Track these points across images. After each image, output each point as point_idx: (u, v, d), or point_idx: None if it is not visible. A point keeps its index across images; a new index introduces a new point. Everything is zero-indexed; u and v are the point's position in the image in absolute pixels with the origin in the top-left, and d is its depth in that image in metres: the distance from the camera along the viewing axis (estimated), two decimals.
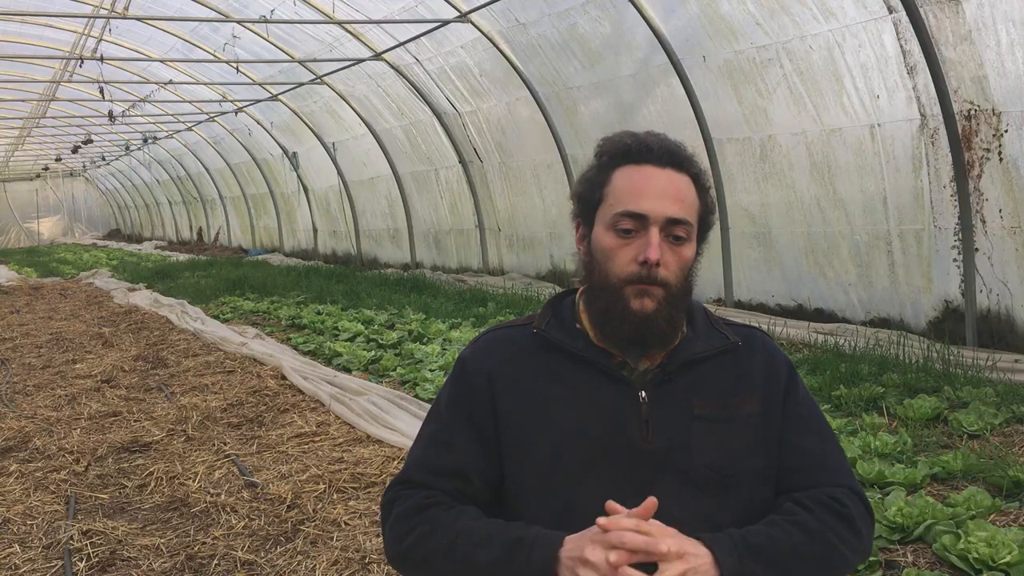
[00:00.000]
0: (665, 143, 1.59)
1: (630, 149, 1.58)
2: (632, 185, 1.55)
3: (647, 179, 1.55)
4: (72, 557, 3.55)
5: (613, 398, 1.58)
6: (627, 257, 1.54)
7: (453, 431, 1.65)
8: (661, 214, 1.53)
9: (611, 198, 1.57)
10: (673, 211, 1.53)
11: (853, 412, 4.79)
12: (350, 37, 11.48)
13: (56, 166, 32.37)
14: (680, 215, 1.54)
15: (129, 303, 12.07)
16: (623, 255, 1.55)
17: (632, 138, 1.60)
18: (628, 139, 1.60)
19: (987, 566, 2.85)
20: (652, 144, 1.58)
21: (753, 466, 1.59)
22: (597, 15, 8.15)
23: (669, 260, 1.54)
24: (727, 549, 1.45)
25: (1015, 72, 5.38)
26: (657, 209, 1.53)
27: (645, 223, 1.53)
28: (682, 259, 1.56)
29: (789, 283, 7.51)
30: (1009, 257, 5.73)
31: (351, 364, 7.02)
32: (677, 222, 1.54)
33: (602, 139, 1.65)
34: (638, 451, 1.56)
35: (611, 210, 1.56)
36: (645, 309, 1.54)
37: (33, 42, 15.38)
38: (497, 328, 1.75)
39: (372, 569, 3.28)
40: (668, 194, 1.54)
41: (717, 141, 7.74)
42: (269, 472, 4.45)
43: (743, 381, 1.63)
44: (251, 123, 17.40)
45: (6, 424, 5.64)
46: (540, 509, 1.58)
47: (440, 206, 12.98)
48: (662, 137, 1.60)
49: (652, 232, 1.52)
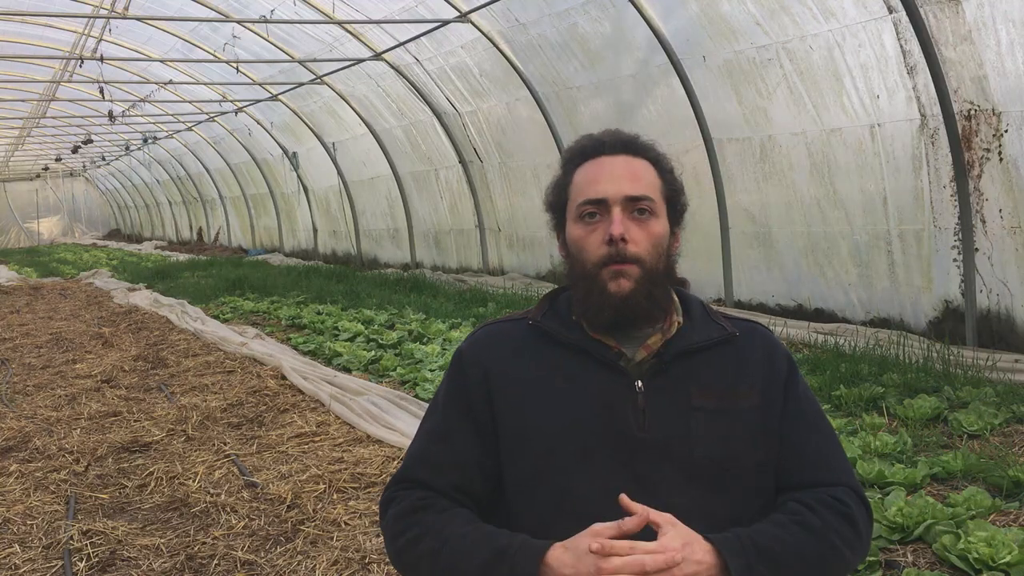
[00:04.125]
0: (618, 135, 1.66)
1: (585, 148, 1.66)
2: (589, 176, 1.62)
3: (602, 167, 1.62)
4: (72, 557, 3.55)
5: (610, 388, 1.59)
6: (596, 241, 1.59)
7: (451, 425, 1.66)
8: (618, 194, 1.58)
9: (573, 194, 1.64)
10: (629, 189, 1.58)
11: (853, 412, 4.79)
12: (350, 37, 11.48)
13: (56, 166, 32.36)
14: (638, 192, 1.59)
15: (129, 303, 12.07)
16: (592, 241, 1.59)
17: (588, 138, 1.68)
18: (585, 140, 1.68)
19: (987, 566, 2.84)
20: (605, 138, 1.65)
21: (753, 459, 1.59)
22: (597, 15, 8.15)
23: (637, 236, 1.58)
24: (735, 551, 1.45)
25: (1015, 72, 5.37)
26: (613, 190, 1.58)
27: (606, 206, 1.58)
28: (652, 234, 1.59)
29: (789, 283, 7.51)
30: (1009, 257, 5.73)
31: (351, 364, 7.02)
32: (636, 199, 1.58)
33: (566, 148, 1.73)
34: (635, 441, 1.56)
35: (574, 204, 1.63)
36: (622, 290, 1.56)
37: (33, 42, 15.38)
38: (493, 322, 1.76)
39: (372, 569, 3.28)
40: (623, 176, 1.60)
41: (717, 141, 7.74)
42: (269, 472, 4.45)
43: (742, 374, 1.63)
44: (251, 123, 17.41)
45: (6, 424, 5.65)
46: (537, 499, 1.59)
47: (440, 206, 12.98)
48: (616, 131, 1.68)
49: (614, 211, 1.58)
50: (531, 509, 1.59)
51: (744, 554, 1.45)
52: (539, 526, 1.57)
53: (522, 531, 1.58)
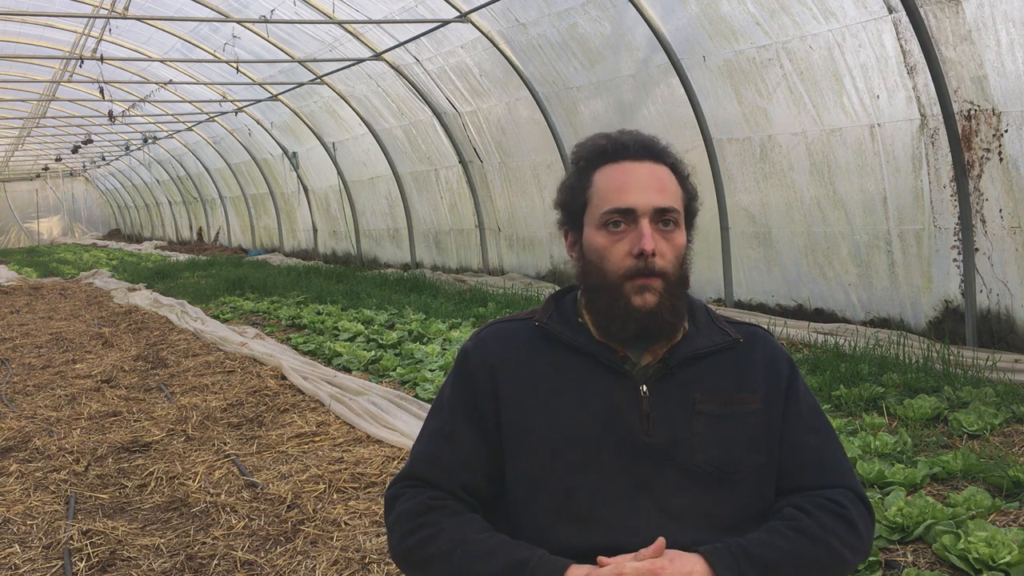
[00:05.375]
0: (639, 138, 1.62)
1: (606, 149, 1.62)
2: (614, 182, 1.58)
3: (628, 174, 1.58)
4: (72, 557, 3.55)
5: (614, 392, 1.59)
6: (621, 252, 1.56)
7: (456, 424, 1.66)
8: (648, 205, 1.55)
9: (596, 199, 1.60)
10: (659, 200, 1.56)
11: (853, 412, 4.79)
12: (350, 37, 11.48)
13: (56, 166, 32.38)
14: (666, 203, 1.57)
15: (129, 303, 12.07)
16: (617, 251, 1.57)
17: (606, 139, 1.63)
18: (602, 140, 1.63)
19: (987, 566, 2.84)
20: (627, 141, 1.61)
21: (754, 462, 1.60)
22: (597, 15, 8.15)
23: (664, 249, 1.56)
24: (727, 563, 1.45)
25: (1015, 72, 5.38)
26: (643, 201, 1.55)
27: (634, 216, 1.56)
28: (675, 246, 1.58)
29: (789, 283, 7.51)
30: (1009, 257, 5.73)
31: (351, 364, 7.02)
32: (665, 210, 1.57)
33: (576, 145, 1.68)
34: (639, 445, 1.56)
35: (598, 211, 1.59)
36: (647, 304, 1.55)
37: (33, 42, 15.39)
38: (499, 321, 1.75)
39: (372, 569, 3.28)
40: (651, 185, 1.57)
41: (717, 141, 7.74)
42: (269, 472, 4.45)
43: (745, 378, 1.63)
44: (251, 123, 17.41)
45: (6, 424, 5.64)
46: (540, 501, 1.59)
47: (440, 206, 12.98)
48: (635, 133, 1.63)
49: (643, 223, 1.55)
50: (533, 510, 1.59)
51: (735, 564, 1.45)
52: (541, 527, 1.57)
53: (523, 532, 1.58)
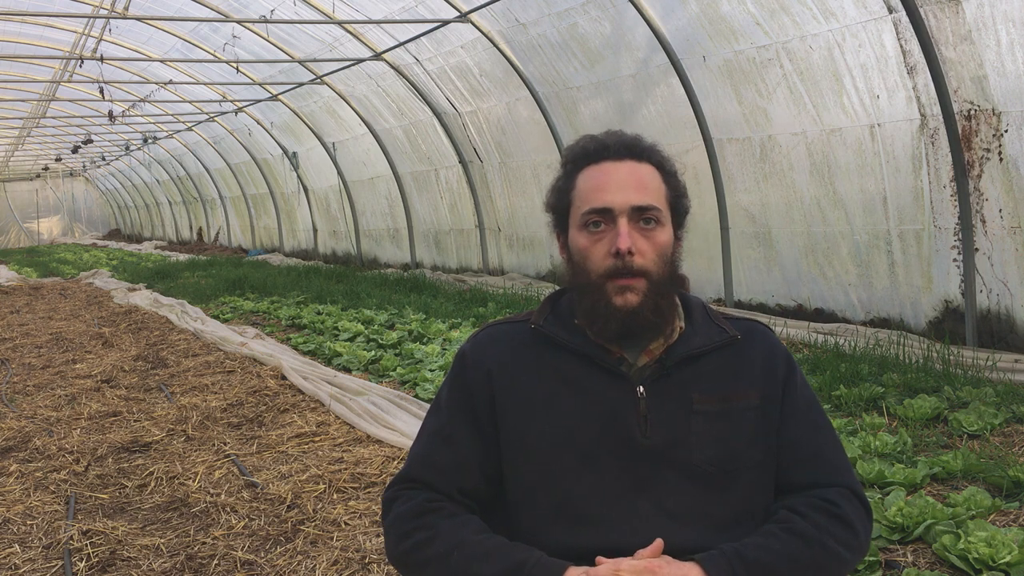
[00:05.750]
0: (621, 138, 1.62)
1: (588, 151, 1.63)
2: (593, 183, 1.59)
3: (607, 174, 1.58)
4: (72, 557, 3.55)
5: (612, 393, 1.59)
6: (601, 252, 1.56)
7: (454, 426, 1.66)
8: (625, 204, 1.55)
9: (577, 200, 1.61)
10: (636, 199, 1.56)
11: (853, 412, 4.79)
12: (350, 37, 11.48)
13: (56, 166, 32.38)
14: (644, 202, 1.56)
15: (129, 303, 12.07)
16: (597, 251, 1.57)
17: (590, 140, 1.64)
18: (586, 142, 1.65)
19: (987, 566, 2.84)
20: (608, 141, 1.62)
21: (752, 459, 1.59)
22: (597, 15, 8.15)
23: (644, 247, 1.56)
24: (722, 568, 1.45)
25: (1015, 72, 5.38)
26: (620, 200, 1.55)
27: (611, 216, 1.56)
28: (657, 245, 1.57)
29: (789, 283, 7.51)
30: (1009, 257, 5.73)
31: (351, 364, 7.02)
32: (643, 208, 1.56)
33: (566, 148, 1.69)
34: (637, 446, 1.56)
35: (579, 211, 1.60)
36: (629, 304, 1.55)
37: (33, 42, 15.38)
38: (496, 324, 1.75)
39: (372, 569, 3.28)
40: (629, 184, 1.57)
41: (717, 141, 7.74)
42: (269, 472, 4.45)
43: (742, 374, 1.63)
44: (251, 123, 17.41)
45: (6, 424, 5.64)
46: (538, 502, 1.59)
47: (440, 206, 12.98)
48: (619, 133, 1.64)
49: (620, 223, 1.55)
50: (531, 511, 1.59)
51: (731, 569, 1.45)
52: (539, 529, 1.57)
53: (521, 533, 1.58)
